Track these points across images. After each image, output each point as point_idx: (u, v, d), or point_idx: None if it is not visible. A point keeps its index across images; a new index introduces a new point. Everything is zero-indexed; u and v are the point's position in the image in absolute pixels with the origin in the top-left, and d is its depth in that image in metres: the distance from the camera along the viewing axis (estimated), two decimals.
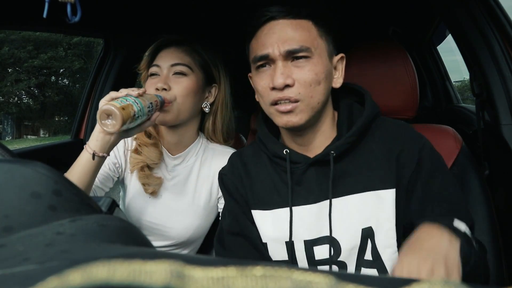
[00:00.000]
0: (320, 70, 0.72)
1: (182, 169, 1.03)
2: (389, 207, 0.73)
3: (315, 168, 0.76)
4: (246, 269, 0.16)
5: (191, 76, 0.96)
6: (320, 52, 0.73)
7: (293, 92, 0.71)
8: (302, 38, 0.72)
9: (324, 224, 0.75)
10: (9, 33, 15.54)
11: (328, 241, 0.75)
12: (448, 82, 2.10)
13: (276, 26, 0.73)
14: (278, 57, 0.72)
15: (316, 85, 0.72)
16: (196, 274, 0.16)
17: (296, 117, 0.72)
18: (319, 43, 0.74)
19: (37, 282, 0.15)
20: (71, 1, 0.58)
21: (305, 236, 0.76)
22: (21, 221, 0.23)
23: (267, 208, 0.79)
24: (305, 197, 0.77)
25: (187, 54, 0.97)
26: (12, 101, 17.81)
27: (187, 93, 0.95)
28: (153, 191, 0.99)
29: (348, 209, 0.74)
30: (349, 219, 0.74)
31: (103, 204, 0.37)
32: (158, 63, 0.97)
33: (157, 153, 0.99)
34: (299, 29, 0.72)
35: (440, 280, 0.15)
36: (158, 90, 0.93)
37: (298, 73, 0.72)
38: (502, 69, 1.06)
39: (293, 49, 0.71)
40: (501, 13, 1.08)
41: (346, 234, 0.74)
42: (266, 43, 0.73)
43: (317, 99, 0.73)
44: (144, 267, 0.16)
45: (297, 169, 0.77)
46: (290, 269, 0.16)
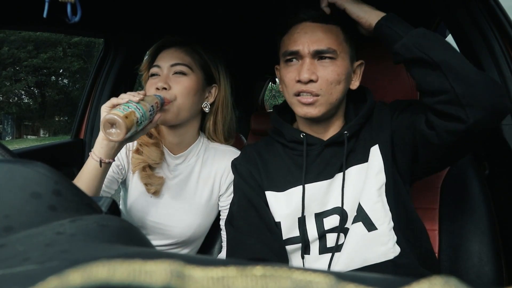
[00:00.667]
0: (342, 72, 0.82)
1: (183, 168, 1.03)
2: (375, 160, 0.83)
3: (328, 149, 0.86)
4: (246, 269, 0.16)
5: (191, 76, 0.97)
6: (344, 56, 0.83)
7: (315, 87, 0.81)
8: (330, 41, 0.82)
9: (334, 196, 0.84)
10: (9, 34, 15.54)
11: (338, 212, 0.83)
12: None
13: (308, 27, 0.83)
14: (306, 55, 0.82)
15: (336, 84, 0.82)
16: (196, 274, 0.16)
17: (315, 110, 0.82)
18: (344, 47, 0.84)
19: (37, 282, 0.15)
20: (71, 1, 0.58)
21: (316, 210, 0.85)
22: (21, 221, 0.23)
23: (281, 190, 0.87)
24: (317, 175, 0.85)
25: (187, 54, 0.98)
26: (12, 101, 17.81)
27: (187, 92, 0.95)
28: (156, 190, 1.00)
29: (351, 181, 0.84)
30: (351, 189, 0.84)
31: (103, 204, 0.37)
32: (159, 64, 0.98)
33: (158, 152, 1.00)
34: (328, 33, 0.83)
35: (440, 280, 0.15)
36: (159, 89, 0.93)
37: (322, 71, 0.81)
38: (502, 69, 1.06)
39: (321, 49, 0.81)
40: (501, 13, 1.08)
41: (351, 202, 0.83)
42: (297, 40, 0.83)
43: (336, 96, 0.83)
44: (144, 267, 0.16)
45: (313, 151, 0.87)
46: (290, 269, 0.16)
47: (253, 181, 0.90)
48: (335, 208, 0.84)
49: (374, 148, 0.85)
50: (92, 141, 1.69)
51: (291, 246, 0.86)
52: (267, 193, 0.88)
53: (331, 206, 0.85)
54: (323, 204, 0.85)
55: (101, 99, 1.68)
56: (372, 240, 0.80)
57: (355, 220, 0.82)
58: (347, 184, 0.84)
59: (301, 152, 0.87)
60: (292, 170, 0.87)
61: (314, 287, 0.15)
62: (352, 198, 0.83)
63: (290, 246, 0.86)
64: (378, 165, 0.83)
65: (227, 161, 1.04)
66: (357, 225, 0.81)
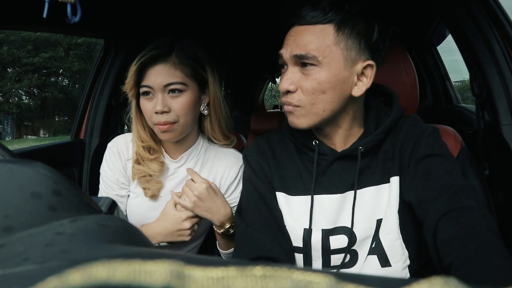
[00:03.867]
0: (325, 80, 0.71)
1: (183, 170, 1.04)
2: (394, 193, 0.76)
3: (340, 161, 0.80)
4: (246, 269, 0.16)
5: (188, 91, 0.93)
6: (330, 61, 0.71)
7: (294, 99, 0.74)
8: (313, 45, 0.71)
9: (344, 215, 0.78)
10: (9, 34, 15.54)
11: (347, 232, 0.78)
12: (448, 82, 2.09)
13: (295, 31, 0.75)
14: (288, 60, 0.75)
15: (319, 93, 0.72)
16: (196, 274, 0.16)
17: (297, 120, 0.75)
18: (333, 50, 0.72)
19: (37, 282, 0.15)
20: (71, 1, 0.58)
21: (324, 225, 0.79)
22: (21, 221, 0.23)
23: (291, 194, 0.82)
24: (327, 187, 0.80)
25: (177, 68, 0.92)
26: (12, 101, 17.81)
27: (188, 109, 0.93)
28: (153, 194, 1.00)
29: (365, 201, 0.78)
30: (366, 210, 0.77)
31: (103, 204, 0.37)
32: (149, 84, 0.91)
33: (159, 165, 1.00)
34: (314, 36, 0.72)
35: (440, 280, 0.15)
36: (158, 113, 0.90)
37: (303, 81, 0.73)
38: (502, 69, 1.06)
39: (299, 54, 0.72)
40: (501, 13, 1.08)
41: (363, 225, 0.77)
42: (284, 44, 0.76)
43: (322, 106, 0.73)
44: (144, 267, 0.16)
45: (324, 161, 0.80)
46: (290, 269, 0.16)
47: (265, 178, 0.84)
48: (344, 228, 0.78)
49: (395, 179, 0.77)
50: (92, 141, 1.69)
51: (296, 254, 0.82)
52: (278, 194, 0.83)
53: (340, 224, 0.79)
54: (332, 220, 0.79)
55: (101, 99, 1.68)
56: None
57: (371, 252, 0.77)
58: (359, 204, 0.78)
59: (312, 159, 0.81)
60: (303, 176, 0.82)
61: (314, 287, 0.15)
62: (365, 220, 0.77)
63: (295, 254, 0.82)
64: (396, 200, 0.76)
65: (226, 162, 1.04)
66: (372, 258, 0.77)
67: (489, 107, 1.13)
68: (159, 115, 0.91)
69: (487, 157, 1.13)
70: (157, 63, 0.92)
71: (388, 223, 0.76)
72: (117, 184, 1.02)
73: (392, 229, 0.76)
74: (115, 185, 1.03)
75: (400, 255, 0.76)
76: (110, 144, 1.05)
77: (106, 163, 1.03)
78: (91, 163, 1.65)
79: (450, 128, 1.07)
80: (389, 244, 0.76)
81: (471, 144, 1.13)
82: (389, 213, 0.76)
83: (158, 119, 0.91)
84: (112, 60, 1.66)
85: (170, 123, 0.91)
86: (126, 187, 1.04)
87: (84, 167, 1.65)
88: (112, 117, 1.71)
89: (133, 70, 0.92)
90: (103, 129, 1.69)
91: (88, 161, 1.66)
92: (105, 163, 1.04)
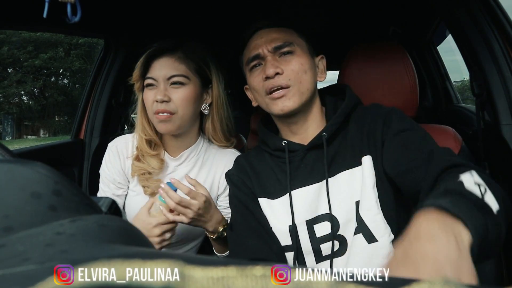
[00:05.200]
0: (304, 62, 0.85)
1: (183, 168, 1.04)
2: (368, 171, 0.81)
3: (311, 153, 0.86)
4: (246, 269, 0.16)
5: (189, 85, 0.96)
6: (302, 48, 0.87)
7: (284, 79, 0.83)
8: (285, 37, 0.86)
9: (322, 203, 0.83)
10: (9, 34, 15.55)
11: (328, 218, 0.82)
12: (448, 82, 2.09)
13: (263, 33, 0.89)
14: (267, 54, 0.85)
15: (302, 73, 0.84)
16: (196, 274, 0.16)
17: (289, 101, 0.83)
18: (300, 42, 0.88)
19: (37, 282, 0.15)
20: (71, 1, 0.58)
21: (306, 217, 0.83)
22: (21, 221, 0.23)
23: (272, 197, 0.87)
24: (302, 180, 0.85)
25: (182, 62, 0.96)
26: (12, 101, 17.82)
27: (187, 102, 0.96)
28: (152, 192, 1.01)
29: (340, 186, 0.82)
30: (342, 195, 0.82)
31: (103, 204, 0.37)
32: (153, 76, 0.96)
33: (159, 162, 1.00)
34: (282, 32, 0.88)
35: (440, 280, 0.15)
36: (158, 101, 0.93)
37: (286, 65, 0.84)
38: (502, 69, 1.06)
39: (278, 45, 0.85)
40: (501, 13, 1.08)
41: (342, 209, 0.81)
42: (256, 46, 0.87)
43: (306, 85, 0.84)
44: (144, 267, 0.16)
45: (296, 157, 0.86)
46: (290, 269, 0.16)
47: (247, 189, 0.90)
48: (324, 215, 0.82)
49: (367, 158, 0.82)
50: (92, 141, 1.69)
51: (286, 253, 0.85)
52: (260, 200, 0.88)
53: (321, 212, 0.83)
54: (313, 210, 0.83)
55: (101, 99, 1.68)
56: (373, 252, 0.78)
57: (356, 232, 0.80)
58: (335, 189, 0.82)
59: (285, 159, 0.87)
60: (279, 178, 0.87)
61: (314, 287, 0.15)
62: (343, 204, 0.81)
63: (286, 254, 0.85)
64: (371, 178, 0.80)
65: (226, 160, 1.04)
66: (358, 236, 0.80)
67: (489, 107, 1.13)
68: (158, 104, 0.93)
69: (487, 157, 1.13)
70: (163, 56, 0.96)
71: (366, 200, 0.79)
72: (114, 183, 1.04)
73: (371, 205, 0.79)
74: (111, 184, 1.04)
75: (383, 229, 0.78)
76: (110, 144, 1.07)
77: (105, 163, 1.06)
78: (91, 163, 1.65)
79: (450, 128, 1.07)
80: (371, 219, 0.79)
81: (471, 144, 1.13)
82: (366, 191, 0.80)
83: (157, 107, 0.94)
84: (112, 60, 1.66)
85: (168, 112, 0.93)
86: (123, 186, 1.05)
87: (84, 167, 1.65)
88: (112, 117, 1.71)
89: (141, 61, 0.97)
90: (103, 129, 1.69)
91: (88, 161, 1.66)
92: (104, 162, 1.06)
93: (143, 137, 1.01)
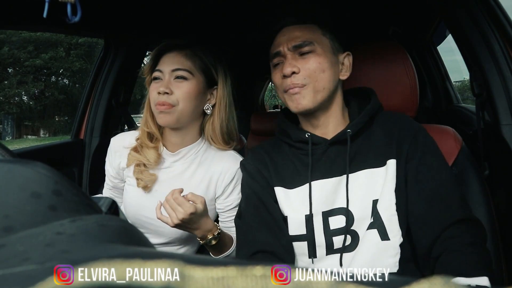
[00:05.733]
0: (323, 61, 0.86)
1: (180, 165, 1.04)
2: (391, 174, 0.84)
3: (333, 147, 0.88)
4: (246, 269, 0.16)
5: (192, 80, 0.99)
6: (323, 47, 0.88)
7: (299, 79, 0.85)
8: (306, 36, 0.88)
9: (340, 196, 0.86)
10: (10, 34, 15.55)
11: (344, 212, 0.85)
12: (448, 82, 2.09)
13: (286, 30, 0.91)
14: (287, 52, 0.88)
15: (320, 72, 0.86)
16: (196, 274, 0.16)
17: (304, 100, 0.86)
18: (323, 40, 0.89)
19: (37, 282, 0.15)
20: (71, 1, 0.58)
21: (323, 208, 0.86)
22: (21, 221, 0.23)
23: (289, 187, 0.89)
24: (323, 173, 0.87)
25: (188, 59, 1.00)
26: (12, 101, 17.81)
27: (188, 96, 0.98)
28: (145, 186, 1.02)
29: (360, 183, 0.85)
30: (361, 191, 0.84)
31: (103, 204, 0.37)
32: (161, 68, 1.00)
33: (155, 155, 1.02)
34: (305, 30, 0.89)
35: (440, 280, 0.15)
36: (160, 93, 0.96)
37: (304, 64, 0.86)
38: (502, 69, 1.06)
39: (298, 44, 0.87)
40: (501, 13, 1.08)
41: (359, 205, 0.84)
42: (278, 43, 0.90)
43: (322, 84, 0.86)
44: (144, 267, 0.16)
45: (318, 150, 0.89)
46: (290, 269, 0.16)
47: (262, 178, 0.92)
48: (341, 209, 0.85)
49: (392, 162, 0.85)
50: (92, 141, 1.69)
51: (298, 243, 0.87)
52: (276, 189, 0.90)
53: (337, 206, 0.85)
54: (330, 202, 0.86)
55: (101, 99, 1.68)
56: (384, 249, 0.81)
57: (371, 227, 0.83)
58: (354, 185, 0.85)
59: (306, 151, 0.89)
60: (299, 169, 0.90)
61: (314, 287, 0.15)
62: (360, 201, 0.84)
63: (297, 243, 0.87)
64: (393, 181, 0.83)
65: (224, 162, 1.04)
66: (372, 231, 0.82)
67: (489, 107, 1.13)
68: (160, 95, 0.96)
69: (487, 157, 1.13)
70: (172, 50, 1.01)
71: (385, 200, 0.83)
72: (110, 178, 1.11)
73: (389, 205, 0.82)
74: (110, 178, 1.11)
75: (397, 230, 0.82)
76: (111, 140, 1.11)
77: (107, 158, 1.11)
78: (91, 163, 1.65)
79: (450, 128, 1.07)
80: (388, 218, 0.82)
81: (471, 144, 1.13)
82: (386, 192, 0.83)
83: (159, 98, 0.97)
84: (112, 60, 1.66)
85: (168, 104, 0.95)
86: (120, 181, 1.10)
87: (84, 167, 1.65)
88: (112, 117, 1.71)
89: (152, 55, 1.03)
90: (103, 129, 1.69)
91: (88, 161, 1.66)
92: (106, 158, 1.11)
93: (145, 129, 1.04)
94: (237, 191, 1.03)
